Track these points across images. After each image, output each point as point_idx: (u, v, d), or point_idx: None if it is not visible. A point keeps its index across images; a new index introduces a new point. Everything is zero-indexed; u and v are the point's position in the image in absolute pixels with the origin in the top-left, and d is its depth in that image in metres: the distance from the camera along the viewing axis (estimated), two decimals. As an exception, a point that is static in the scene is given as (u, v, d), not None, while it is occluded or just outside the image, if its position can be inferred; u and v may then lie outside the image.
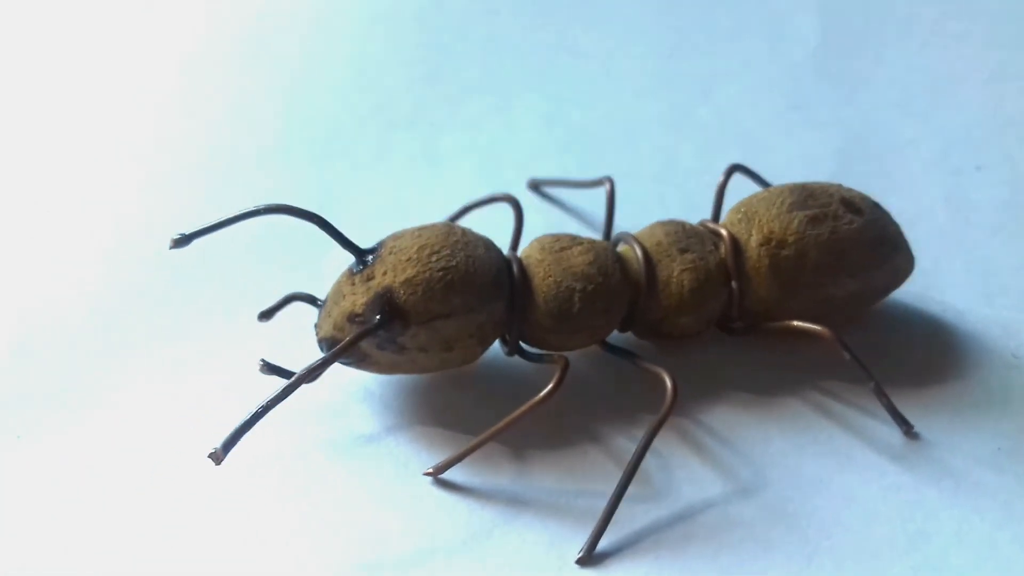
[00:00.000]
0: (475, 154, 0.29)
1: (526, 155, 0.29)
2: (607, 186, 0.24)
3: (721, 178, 0.24)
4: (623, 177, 0.27)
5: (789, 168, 0.28)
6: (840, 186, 0.23)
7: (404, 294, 0.19)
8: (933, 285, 0.25)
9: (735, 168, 0.24)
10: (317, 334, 0.21)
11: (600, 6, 0.33)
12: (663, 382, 0.20)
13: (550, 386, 0.20)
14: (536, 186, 0.27)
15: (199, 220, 0.20)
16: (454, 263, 0.20)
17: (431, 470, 0.20)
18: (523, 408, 0.20)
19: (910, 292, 0.24)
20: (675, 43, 0.32)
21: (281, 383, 0.19)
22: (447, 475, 0.20)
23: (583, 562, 0.19)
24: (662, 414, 0.20)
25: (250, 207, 0.20)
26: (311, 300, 0.22)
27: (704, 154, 0.28)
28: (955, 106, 0.30)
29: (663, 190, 0.27)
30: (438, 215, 0.25)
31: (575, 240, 0.21)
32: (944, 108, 0.30)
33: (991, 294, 0.25)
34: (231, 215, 0.20)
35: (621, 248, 0.22)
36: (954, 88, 0.30)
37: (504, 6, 0.33)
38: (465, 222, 0.24)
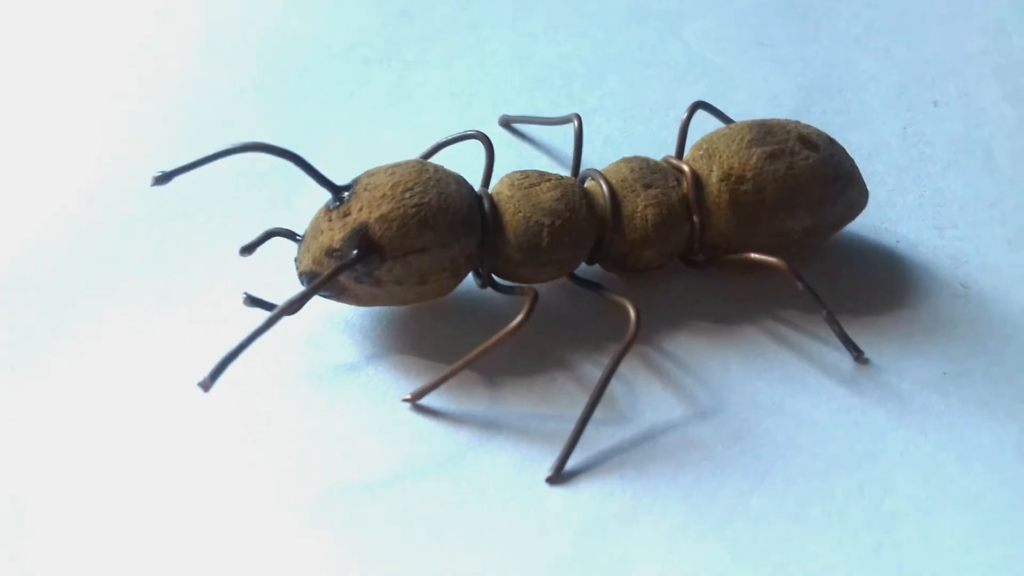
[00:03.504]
0: (448, 91, 0.29)
1: (498, 92, 0.29)
2: (575, 123, 0.25)
3: (684, 115, 0.24)
4: (592, 113, 0.28)
5: (753, 104, 0.29)
6: (798, 123, 0.23)
7: (379, 230, 0.20)
8: (887, 218, 0.26)
9: (698, 105, 0.24)
10: (297, 268, 0.22)
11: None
12: (627, 312, 0.21)
13: (520, 317, 0.21)
14: (507, 123, 0.28)
15: (178, 157, 0.21)
16: (427, 199, 0.20)
17: (409, 396, 0.21)
18: (495, 338, 0.21)
19: (865, 224, 0.25)
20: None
21: (264, 315, 0.20)
22: (424, 401, 0.22)
23: (552, 481, 0.20)
24: (626, 342, 0.21)
25: (228, 145, 0.20)
26: (290, 235, 0.22)
27: (671, 90, 0.29)
28: (914, 43, 0.31)
29: (631, 126, 0.28)
30: (411, 152, 0.25)
31: (543, 176, 0.22)
32: (903, 44, 0.31)
33: (942, 226, 0.26)
34: (210, 153, 0.20)
35: (588, 184, 0.23)
36: (914, 25, 0.31)
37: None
38: (438, 159, 0.24)
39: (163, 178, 0.20)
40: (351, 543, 0.20)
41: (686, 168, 0.22)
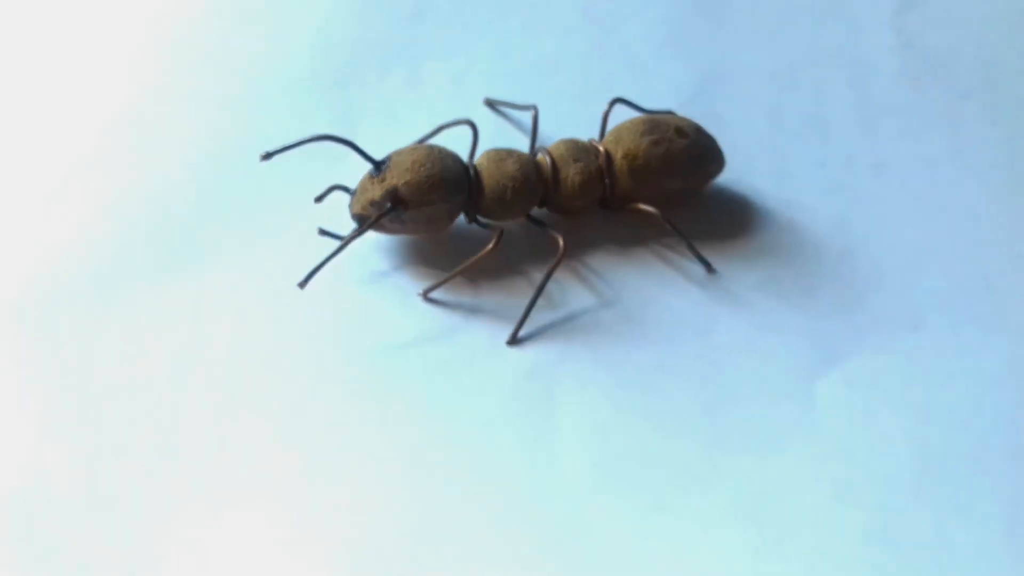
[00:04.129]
0: (449, 79, 0.40)
1: (485, 80, 0.39)
2: (532, 112, 0.36)
3: (606, 107, 0.35)
4: (550, 99, 0.38)
5: (662, 94, 0.39)
6: (676, 116, 0.35)
7: (404, 190, 0.32)
8: (745, 175, 0.36)
9: (616, 101, 0.35)
10: (350, 211, 0.33)
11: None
12: (558, 241, 0.32)
13: (492, 243, 0.32)
14: (490, 104, 0.39)
15: (258, 136, 0.34)
16: (435, 171, 0.32)
17: (422, 292, 0.33)
18: (477, 256, 0.32)
19: (728, 180, 0.36)
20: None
21: (334, 244, 0.32)
22: (432, 295, 0.33)
23: (510, 343, 0.32)
24: (558, 258, 0.32)
25: (310, 135, 0.32)
26: (345, 189, 0.34)
27: (608, 81, 0.39)
28: (785, 39, 0.41)
29: (575, 110, 0.38)
30: (422, 129, 0.37)
31: (510, 153, 0.34)
32: (778, 40, 0.41)
33: (782, 180, 0.36)
34: (297, 141, 0.32)
35: (539, 157, 0.34)
36: (783, 24, 0.41)
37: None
38: (440, 138, 0.36)
39: (267, 156, 0.31)
40: (378, 377, 0.31)
41: (601, 148, 0.34)
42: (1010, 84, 0.39)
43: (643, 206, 0.33)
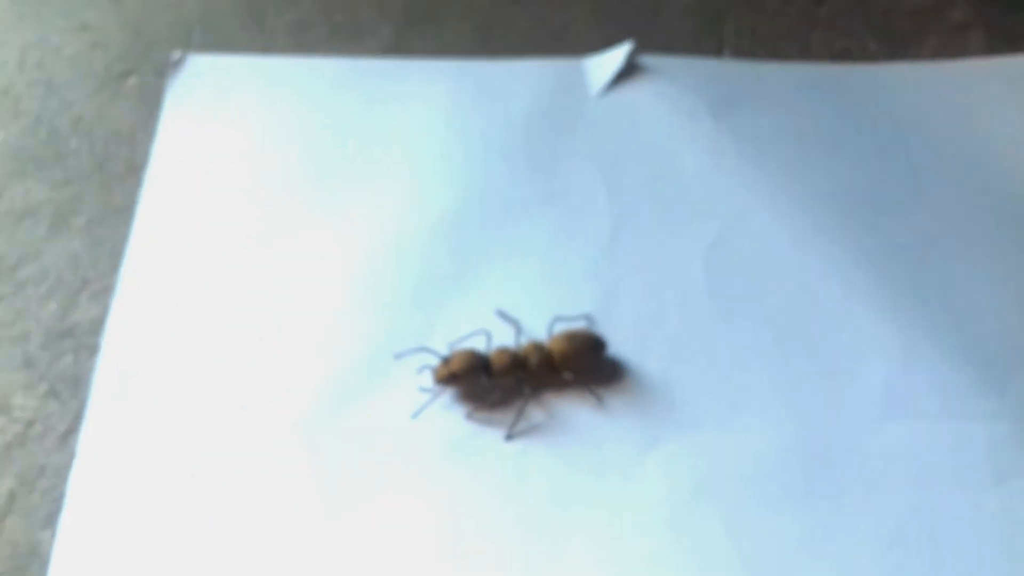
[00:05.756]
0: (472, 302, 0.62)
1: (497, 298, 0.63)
2: (515, 325, 0.64)
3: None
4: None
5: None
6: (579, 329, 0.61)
7: (459, 372, 0.58)
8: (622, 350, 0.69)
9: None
10: (434, 377, 0.58)
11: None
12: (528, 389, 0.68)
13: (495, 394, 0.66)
14: (501, 315, 0.61)
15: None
16: (468, 364, 0.57)
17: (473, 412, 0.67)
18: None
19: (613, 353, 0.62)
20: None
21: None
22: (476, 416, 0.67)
23: (507, 439, 0.67)
24: (527, 396, 0.67)
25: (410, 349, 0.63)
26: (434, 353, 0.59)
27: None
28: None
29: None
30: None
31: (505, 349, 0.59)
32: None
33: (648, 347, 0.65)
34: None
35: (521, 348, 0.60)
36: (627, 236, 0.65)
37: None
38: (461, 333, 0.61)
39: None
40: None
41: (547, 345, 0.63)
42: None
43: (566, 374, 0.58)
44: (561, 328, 0.61)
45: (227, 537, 0.51)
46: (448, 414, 0.58)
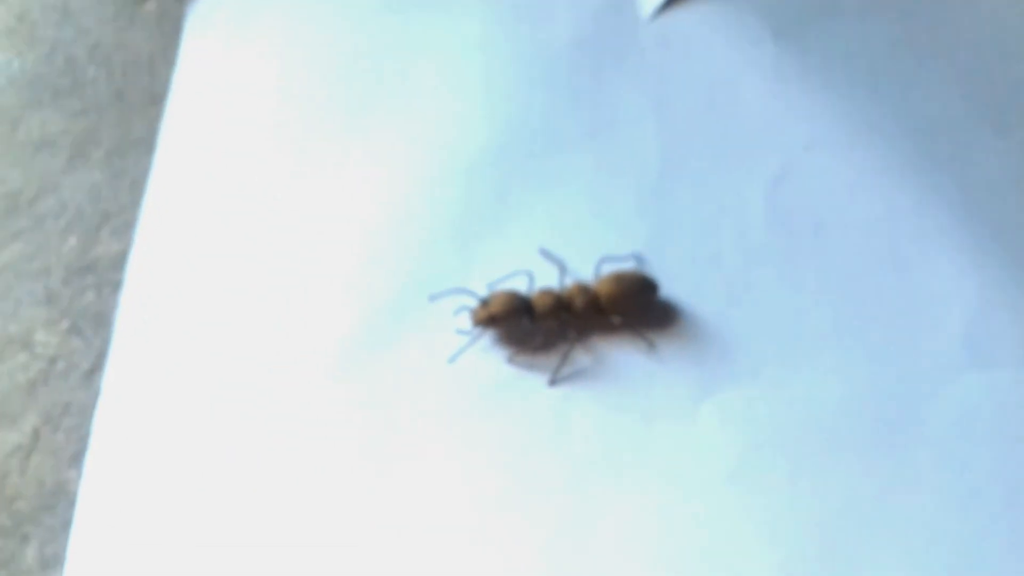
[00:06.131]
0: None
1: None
2: (560, 264, 0.61)
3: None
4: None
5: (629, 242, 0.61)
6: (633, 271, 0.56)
7: (499, 314, 0.54)
8: (674, 290, 0.62)
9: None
10: (472, 318, 0.54)
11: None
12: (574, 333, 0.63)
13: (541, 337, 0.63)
14: (545, 254, 0.57)
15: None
16: (510, 305, 0.54)
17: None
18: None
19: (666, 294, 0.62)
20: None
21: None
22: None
23: (550, 384, 0.62)
24: (573, 339, 0.63)
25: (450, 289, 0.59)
26: (471, 293, 0.55)
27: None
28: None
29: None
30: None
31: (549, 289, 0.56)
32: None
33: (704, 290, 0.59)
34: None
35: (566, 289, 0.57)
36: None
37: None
38: (503, 269, 0.57)
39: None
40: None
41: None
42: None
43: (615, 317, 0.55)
44: (609, 269, 0.57)
45: (255, 475, 0.49)
46: (487, 358, 0.55)
